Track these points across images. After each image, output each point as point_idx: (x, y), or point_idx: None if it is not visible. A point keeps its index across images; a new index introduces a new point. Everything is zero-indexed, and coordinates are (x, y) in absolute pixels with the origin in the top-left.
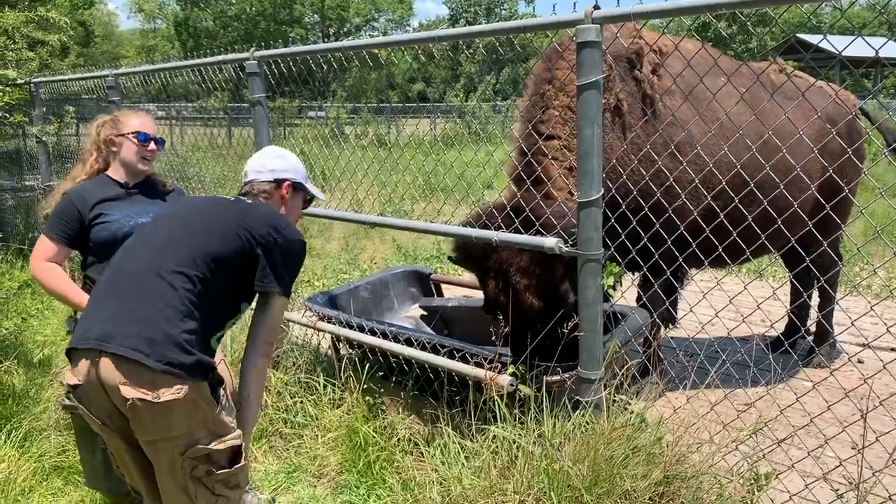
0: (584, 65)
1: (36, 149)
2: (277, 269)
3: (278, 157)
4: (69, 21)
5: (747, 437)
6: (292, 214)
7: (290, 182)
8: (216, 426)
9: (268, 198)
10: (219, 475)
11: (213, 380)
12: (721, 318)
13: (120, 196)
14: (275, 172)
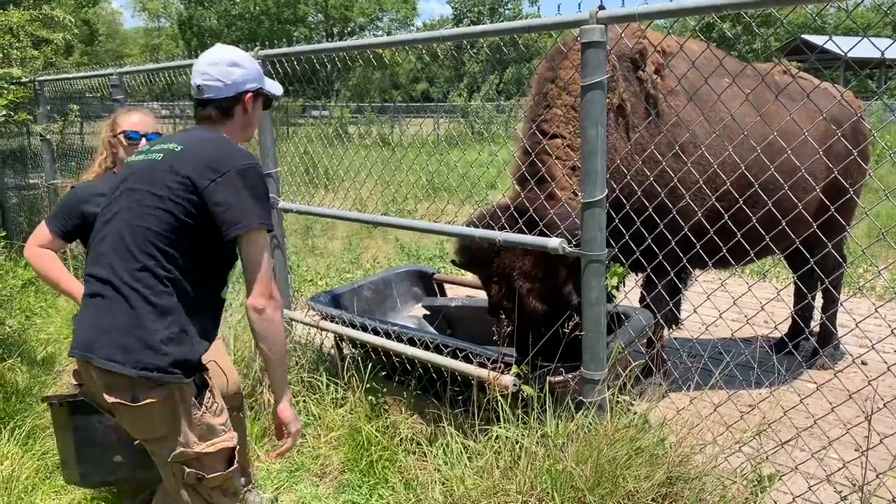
0: (588, 65)
1: (40, 147)
2: (231, 209)
3: (235, 64)
4: (73, 19)
5: (751, 439)
6: (250, 126)
7: (252, 92)
8: (203, 428)
9: (224, 116)
10: (211, 480)
11: (198, 380)
12: (724, 319)
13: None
14: (236, 84)
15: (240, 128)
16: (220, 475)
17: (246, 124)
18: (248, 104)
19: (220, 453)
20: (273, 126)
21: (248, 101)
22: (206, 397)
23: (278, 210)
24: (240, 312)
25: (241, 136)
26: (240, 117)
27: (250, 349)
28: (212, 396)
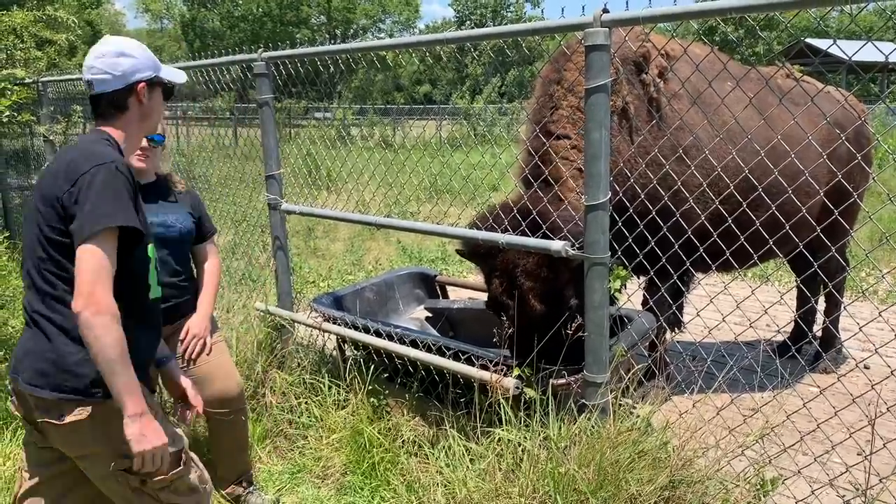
0: (592, 68)
1: (43, 148)
2: (78, 217)
3: (122, 54)
4: (77, 20)
5: (754, 443)
6: (149, 118)
7: (145, 81)
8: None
9: (118, 110)
10: (155, 483)
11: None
12: (727, 322)
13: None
14: (125, 75)
15: (137, 120)
16: (165, 477)
17: (144, 116)
18: (142, 95)
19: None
20: (276, 128)
21: (141, 92)
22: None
23: (281, 211)
24: (242, 314)
25: (140, 128)
26: (136, 109)
27: (252, 350)
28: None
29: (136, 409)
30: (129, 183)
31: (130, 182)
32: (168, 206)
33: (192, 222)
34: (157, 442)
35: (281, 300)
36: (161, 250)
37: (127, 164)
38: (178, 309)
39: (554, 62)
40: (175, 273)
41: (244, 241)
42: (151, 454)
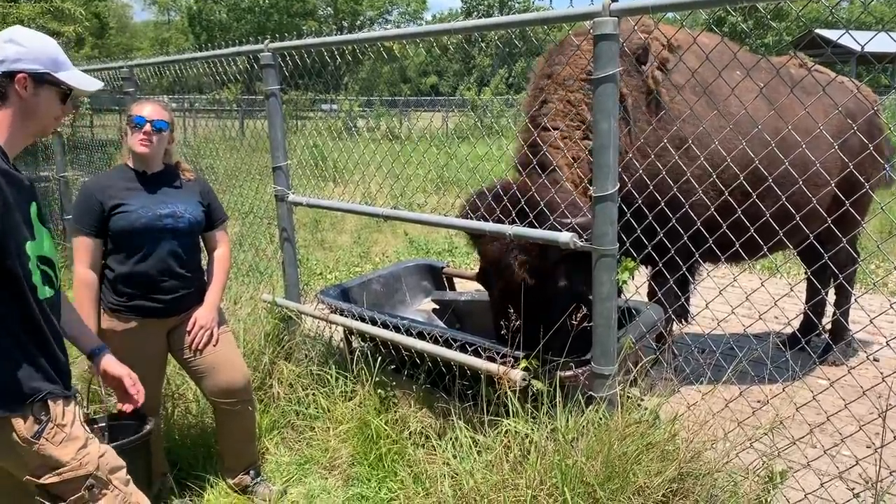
0: (600, 58)
1: (51, 140)
2: None
3: (11, 41)
4: (84, 12)
5: (763, 435)
6: (41, 121)
7: (27, 73)
8: (45, 460)
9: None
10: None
11: (37, 412)
12: (736, 314)
13: (137, 185)
14: (6, 62)
15: (19, 116)
16: (69, 501)
17: (28, 115)
18: (20, 86)
19: (70, 482)
20: (284, 120)
21: (20, 82)
22: (47, 430)
23: (288, 203)
24: (250, 305)
25: (24, 126)
26: (16, 103)
27: (259, 342)
28: (56, 429)
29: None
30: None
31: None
32: (177, 195)
33: (201, 211)
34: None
35: (288, 292)
36: (170, 241)
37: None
38: (187, 299)
39: (547, 56)
40: (184, 264)
41: (251, 232)
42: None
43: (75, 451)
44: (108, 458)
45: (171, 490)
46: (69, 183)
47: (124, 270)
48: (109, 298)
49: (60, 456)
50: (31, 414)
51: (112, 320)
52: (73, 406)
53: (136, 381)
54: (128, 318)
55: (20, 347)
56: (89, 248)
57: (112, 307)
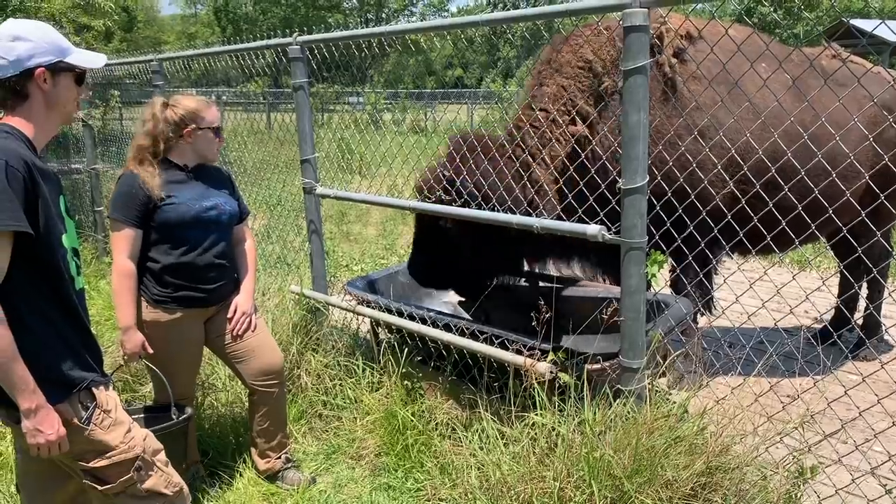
0: (630, 49)
1: (82, 132)
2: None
3: (17, 38)
4: (113, 6)
5: (793, 430)
6: (64, 108)
7: (45, 67)
8: (95, 445)
9: (18, 98)
10: (110, 488)
11: (84, 398)
12: (766, 308)
13: (181, 178)
14: (20, 60)
15: (43, 109)
16: (114, 485)
17: (51, 104)
18: (41, 80)
19: (119, 464)
20: (311, 112)
21: (40, 77)
22: (95, 416)
23: (316, 195)
24: (278, 297)
25: (49, 117)
26: (40, 97)
27: (287, 332)
28: (103, 414)
29: (28, 404)
30: (24, 180)
31: (26, 177)
32: (216, 189)
33: (235, 205)
34: (51, 436)
35: (315, 283)
36: (214, 233)
37: (24, 159)
38: (225, 288)
39: (553, 44)
40: (222, 255)
41: (279, 225)
42: (47, 447)
43: (122, 435)
44: (150, 441)
45: (202, 478)
46: (100, 175)
47: (171, 262)
48: (154, 290)
49: (109, 440)
50: (78, 401)
51: (156, 311)
52: (113, 392)
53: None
54: (173, 309)
55: (62, 338)
56: (131, 239)
57: (156, 299)
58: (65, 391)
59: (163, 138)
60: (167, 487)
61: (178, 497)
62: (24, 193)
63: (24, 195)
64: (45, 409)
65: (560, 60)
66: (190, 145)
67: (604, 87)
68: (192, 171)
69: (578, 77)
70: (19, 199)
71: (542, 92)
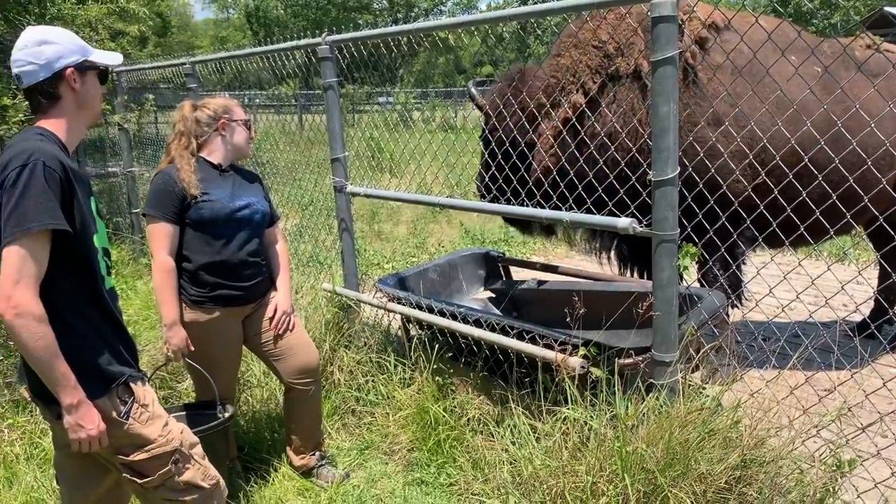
0: (659, 40)
1: (118, 136)
2: (6, 220)
3: (44, 42)
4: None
5: (830, 423)
6: (89, 105)
7: (74, 67)
8: (134, 438)
9: (52, 100)
10: (148, 482)
11: (122, 393)
12: (801, 300)
13: (215, 176)
14: (50, 63)
15: (75, 109)
16: (153, 478)
17: (82, 104)
18: (71, 81)
19: (158, 458)
20: (341, 112)
21: (70, 78)
22: (133, 410)
23: (347, 194)
24: (310, 295)
25: (80, 117)
26: (71, 97)
27: (320, 330)
28: (141, 409)
29: (70, 399)
30: (60, 180)
31: (62, 178)
32: (249, 189)
33: (267, 205)
34: (92, 431)
35: (347, 281)
36: (247, 231)
37: (59, 160)
38: (261, 286)
39: (577, 21)
40: (256, 253)
41: (311, 224)
42: (88, 441)
43: (161, 429)
44: (187, 435)
45: (238, 474)
46: (135, 178)
47: (206, 260)
48: (191, 291)
49: (148, 434)
50: (116, 396)
51: (195, 312)
52: (150, 387)
53: None
54: (211, 308)
55: (100, 335)
56: (169, 235)
57: (194, 299)
58: (104, 386)
59: (196, 135)
60: (204, 480)
61: (215, 490)
62: (62, 193)
63: (62, 195)
64: (86, 404)
65: (579, 37)
66: (224, 137)
67: (613, 68)
68: (225, 170)
69: (590, 54)
70: (57, 198)
71: (557, 62)
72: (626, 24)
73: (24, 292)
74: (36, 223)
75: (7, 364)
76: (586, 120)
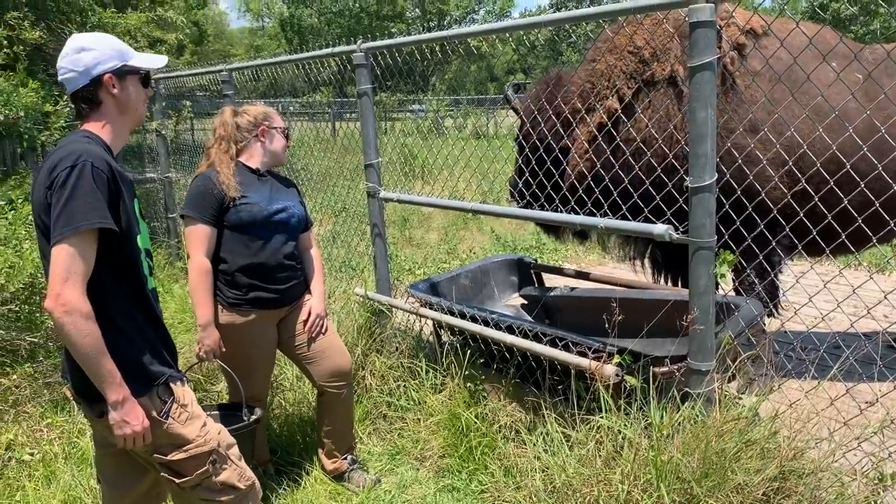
0: (697, 45)
1: (155, 142)
2: (52, 218)
3: (83, 49)
4: (185, 21)
5: (871, 435)
6: (130, 109)
7: (112, 72)
8: (173, 438)
9: (93, 105)
10: (186, 482)
11: (161, 393)
12: (842, 309)
13: (252, 180)
14: (88, 70)
15: (116, 114)
16: (191, 478)
17: (123, 108)
18: (110, 86)
19: (196, 457)
20: (375, 118)
21: (108, 83)
22: (173, 410)
23: (380, 199)
24: (343, 300)
25: (123, 121)
26: (111, 102)
27: (353, 334)
28: (180, 408)
29: (116, 396)
30: (108, 180)
31: (109, 178)
32: (285, 193)
33: (303, 209)
34: (136, 427)
35: (379, 286)
36: (283, 234)
37: (106, 161)
38: (296, 289)
39: (613, 27)
40: (292, 257)
41: (343, 230)
42: (133, 438)
43: (199, 429)
44: (225, 436)
45: (271, 476)
46: (172, 183)
47: (243, 262)
48: (227, 294)
49: (187, 434)
50: (157, 395)
51: (231, 314)
52: (189, 387)
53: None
54: (247, 311)
55: (143, 334)
56: (207, 237)
57: (230, 301)
58: (145, 385)
59: (235, 141)
60: (240, 481)
61: (251, 491)
62: (108, 194)
63: (108, 195)
64: (130, 401)
65: (615, 42)
66: (263, 143)
67: (648, 74)
68: (263, 175)
69: (626, 60)
70: (104, 198)
71: (592, 67)
72: (663, 30)
73: (73, 290)
74: (84, 222)
75: (46, 365)
76: (621, 125)
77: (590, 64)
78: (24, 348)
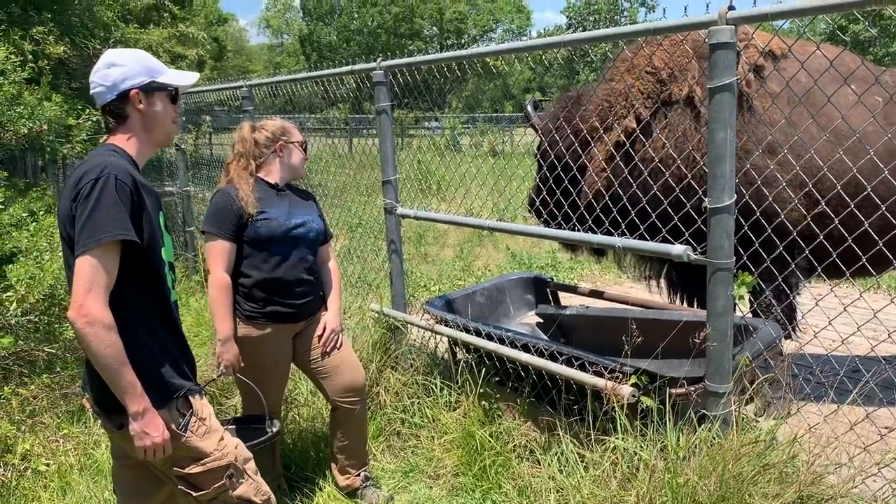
0: (717, 66)
1: (174, 156)
2: (76, 230)
3: (112, 65)
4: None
5: (892, 461)
6: (156, 126)
7: (138, 88)
8: (190, 451)
9: (119, 120)
10: (202, 495)
11: (180, 406)
12: (862, 333)
13: (272, 196)
14: (115, 85)
15: (142, 130)
16: (207, 492)
17: (148, 125)
18: (136, 101)
19: (213, 471)
20: (393, 135)
21: (135, 99)
22: (191, 423)
23: (396, 216)
24: (358, 315)
25: (149, 137)
26: (137, 118)
27: (367, 350)
28: (199, 422)
29: (137, 407)
30: (131, 193)
31: (133, 191)
32: (304, 207)
33: (321, 223)
34: (157, 438)
35: (395, 302)
36: (301, 249)
37: (130, 174)
38: (313, 304)
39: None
40: (311, 271)
41: (359, 245)
42: (153, 449)
43: (216, 442)
44: (241, 450)
45: (285, 492)
46: (191, 197)
47: (261, 277)
48: (245, 307)
49: (204, 447)
50: (175, 408)
51: (248, 327)
52: (207, 401)
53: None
54: (263, 324)
55: (164, 347)
56: (227, 252)
57: (248, 315)
58: (165, 398)
59: (254, 157)
60: (257, 495)
61: None
62: (132, 206)
63: (132, 207)
64: (151, 412)
65: (632, 62)
66: (281, 159)
67: (666, 94)
68: (282, 190)
69: (644, 80)
70: (127, 210)
71: (610, 87)
72: (682, 51)
73: (95, 301)
74: (107, 234)
75: (63, 376)
76: (638, 145)
77: (608, 83)
78: (42, 359)
